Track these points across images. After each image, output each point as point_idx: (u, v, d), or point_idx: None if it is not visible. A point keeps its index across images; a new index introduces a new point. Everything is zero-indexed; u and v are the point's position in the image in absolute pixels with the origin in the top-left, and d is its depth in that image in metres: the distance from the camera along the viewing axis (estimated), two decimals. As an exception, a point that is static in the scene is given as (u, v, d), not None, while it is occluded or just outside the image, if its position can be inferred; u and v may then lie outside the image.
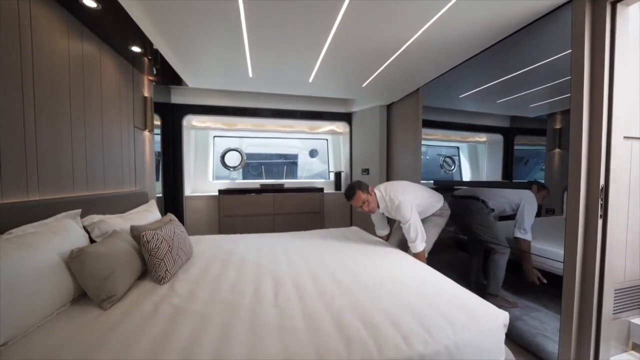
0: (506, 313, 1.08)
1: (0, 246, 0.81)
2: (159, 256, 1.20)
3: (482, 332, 0.96)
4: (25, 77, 1.11)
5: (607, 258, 1.28)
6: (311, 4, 1.36)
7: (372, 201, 1.90)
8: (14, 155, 1.05)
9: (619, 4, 1.23)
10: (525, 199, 1.80)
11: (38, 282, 0.85)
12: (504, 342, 1.03)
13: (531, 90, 1.75)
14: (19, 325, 0.77)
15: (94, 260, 1.00)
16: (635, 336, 1.50)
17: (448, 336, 0.90)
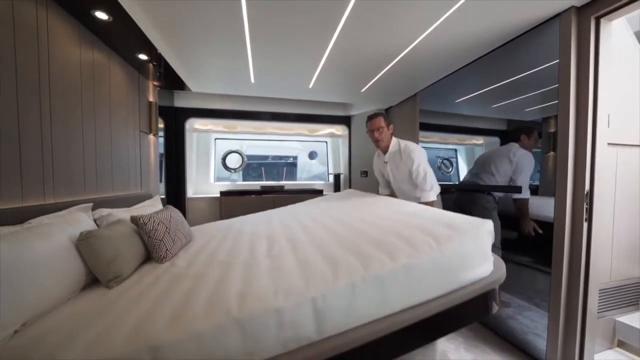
0: (490, 221, 1.06)
1: (20, 234, 0.89)
2: (157, 237, 1.25)
3: (465, 241, 0.96)
4: (42, 85, 1.18)
5: (591, 260, 1.35)
6: (313, 15, 1.43)
7: (385, 135, 1.89)
8: (33, 160, 1.12)
9: (603, 18, 1.30)
10: (517, 159, 1.84)
11: (52, 267, 0.92)
12: (490, 249, 1.03)
13: (526, 95, 1.82)
14: (34, 308, 0.82)
15: (101, 242, 1.06)
16: (621, 334, 1.57)
17: (432, 247, 0.92)
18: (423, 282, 0.88)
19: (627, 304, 1.64)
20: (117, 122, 1.79)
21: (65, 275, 0.96)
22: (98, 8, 1.31)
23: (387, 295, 0.83)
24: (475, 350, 1.62)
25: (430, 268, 0.88)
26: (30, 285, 0.83)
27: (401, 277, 0.85)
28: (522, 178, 1.77)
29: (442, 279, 0.90)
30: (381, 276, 0.83)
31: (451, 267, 0.92)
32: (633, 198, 1.61)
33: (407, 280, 0.85)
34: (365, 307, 0.80)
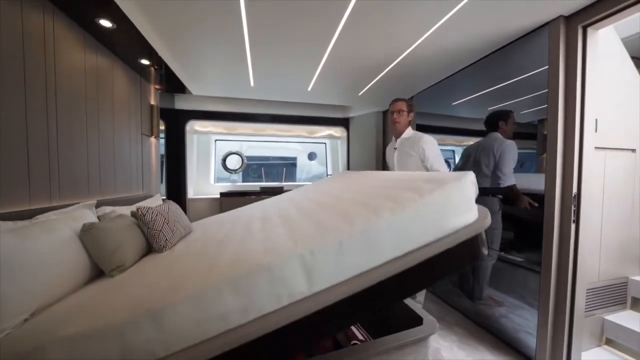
0: (472, 172, 1.08)
1: (28, 228, 0.95)
2: (156, 228, 1.28)
3: (448, 190, 0.97)
4: (49, 91, 1.22)
5: (579, 260, 1.39)
6: (311, 20, 1.46)
7: (404, 119, 1.91)
8: (40, 163, 1.17)
9: (589, 27, 1.35)
10: (502, 149, 1.88)
11: (58, 258, 0.97)
12: (474, 199, 1.04)
13: (521, 98, 1.86)
14: (42, 297, 0.86)
15: (103, 233, 1.10)
16: (609, 332, 1.62)
17: (415, 201, 0.94)
18: (410, 232, 0.89)
19: (615, 303, 1.69)
20: (120, 125, 1.84)
21: (70, 266, 1.01)
22: (102, 16, 1.35)
23: (375, 248, 0.85)
24: (467, 348, 1.67)
25: (415, 219, 0.90)
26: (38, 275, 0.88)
27: (387, 230, 0.87)
28: (508, 168, 1.83)
29: (428, 228, 0.91)
30: (367, 230, 0.85)
31: (436, 216, 0.93)
32: (621, 200, 1.66)
33: (393, 233, 0.87)
34: (354, 261, 0.82)
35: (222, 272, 0.77)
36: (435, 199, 0.94)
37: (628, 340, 1.54)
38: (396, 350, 1.22)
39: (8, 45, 1.03)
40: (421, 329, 1.29)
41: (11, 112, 1.05)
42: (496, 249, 1.87)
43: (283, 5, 1.31)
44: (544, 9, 1.35)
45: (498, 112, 2.03)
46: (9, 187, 1.04)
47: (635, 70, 1.67)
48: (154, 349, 0.67)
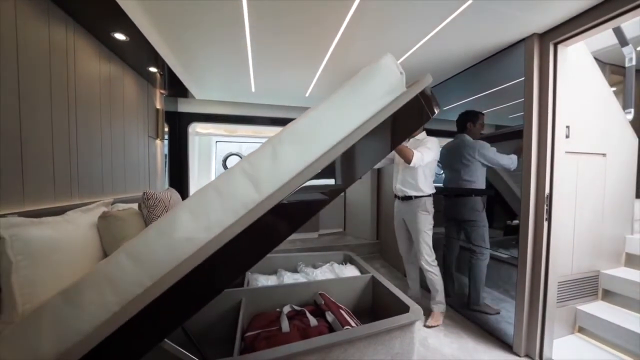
0: (389, 54, 1.06)
1: (63, 224, 1.08)
2: (156, 213, 1.39)
3: (372, 78, 0.96)
4: (70, 99, 1.35)
5: (551, 255, 1.53)
6: (311, 31, 1.57)
7: None
8: (63, 165, 1.29)
9: (560, 45, 1.49)
10: (481, 154, 1.95)
11: (80, 246, 1.11)
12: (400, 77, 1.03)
13: (507, 104, 2.00)
14: (67, 280, 0.96)
15: (115, 221, 1.25)
16: (581, 321, 1.77)
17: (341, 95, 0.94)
18: (343, 121, 0.93)
19: (588, 294, 1.83)
20: (130, 129, 1.96)
21: (88, 253, 1.15)
22: (117, 30, 1.48)
23: (311, 142, 0.90)
24: (452, 336, 1.80)
25: (347, 105, 0.94)
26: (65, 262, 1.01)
27: (317, 125, 0.91)
28: (500, 158, 1.91)
29: (363, 111, 0.95)
30: (295, 130, 0.90)
31: (368, 100, 0.95)
32: (592, 200, 1.80)
33: (328, 124, 0.91)
34: (290, 160, 0.87)
35: (181, 204, 0.86)
36: (362, 86, 0.95)
37: (598, 329, 1.69)
38: (385, 334, 1.35)
39: (38, 60, 1.15)
40: (407, 315, 1.42)
41: (42, 121, 1.17)
42: (487, 247, 1.97)
43: (285, 16, 1.41)
44: (520, 27, 1.50)
45: (467, 112, 2.13)
46: (40, 187, 1.16)
47: (605, 81, 1.82)
48: (141, 280, 0.78)
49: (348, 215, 4.03)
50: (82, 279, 0.80)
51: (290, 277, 2.11)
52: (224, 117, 3.28)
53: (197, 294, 0.85)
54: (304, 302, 1.82)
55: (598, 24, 1.34)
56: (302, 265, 2.31)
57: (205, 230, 0.82)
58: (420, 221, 2.00)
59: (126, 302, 0.79)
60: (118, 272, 0.79)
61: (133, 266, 0.79)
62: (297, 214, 0.91)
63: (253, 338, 1.39)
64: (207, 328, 1.61)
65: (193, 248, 0.81)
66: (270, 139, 0.91)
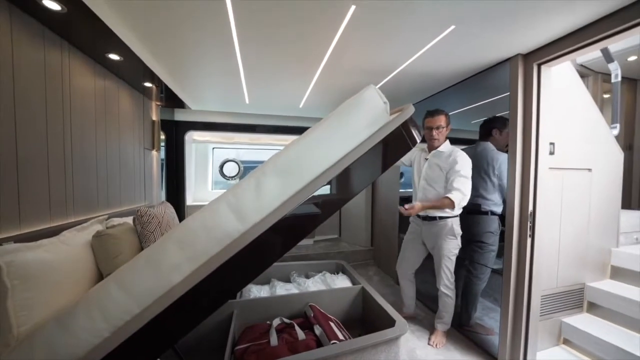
0: (371, 86, 1.09)
1: (58, 245, 1.13)
2: (149, 229, 1.46)
3: (355, 111, 1.01)
4: (65, 117, 1.38)
5: (534, 270, 1.57)
6: (301, 48, 1.59)
7: (443, 135, 1.85)
8: (58, 184, 1.33)
9: (543, 65, 1.53)
10: (500, 168, 1.79)
11: (75, 266, 1.15)
12: (383, 106, 1.07)
13: (501, 113, 1.99)
14: (62, 302, 1.03)
15: (109, 239, 1.30)
16: (566, 333, 1.81)
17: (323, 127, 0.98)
18: (326, 153, 0.96)
19: (573, 306, 1.87)
20: (125, 142, 2.00)
21: (82, 272, 1.20)
22: (111, 51, 1.52)
23: (295, 174, 0.93)
24: (440, 348, 1.85)
25: (330, 138, 0.97)
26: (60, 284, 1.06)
27: (301, 158, 0.95)
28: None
29: (346, 144, 0.98)
30: (279, 163, 0.93)
31: (351, 133, 0.99)
32: (578, 214, 1.84)
33: (311, 157, 0.95)
34: (273, 192, 0.91)
35: (168, 234, 0.91)
36: (344, 120, 0.99)
37: (581, 341, 1.73)
38: (371, 349, 1.39)
39: (33, 82, 1.19)
40: (392, 330, 1.47)
41: (38, 142, 1.21)
42: (490, 269, 1.87)
43: (273, 33, 1.43)
44: (504, 48, 1.53)
45: (495, 118, 1.86)
46: (36, 208, 1.20)
47: (591, 99, 1.85)
48: (130, 308, 0.82)
49: (343, 222, 4.08)
50: (75, 306, 0.84)
51: (283, 287, 2.15)
52: (220, 125, 3.31)
53: (184, 320, 0.89)
54: (295, 313, 1.87)
55: (580, 47, 1.37)
56: (295, 275, 2.36)
57: (191, 260, 0.87)
58: (446, 247, 1.82)
59: (116, 328, 0.83)
60: (108, 300, 0.83)
61: (122, 295, 0.84)
62: (279, 242, 0.95)
63: (243, 351, 1.43)
64: (199, 340, 1.65)
65: (179, 277, 0.86)
66: (254, 172, 0.95)
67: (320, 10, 1.22)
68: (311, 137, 0.99)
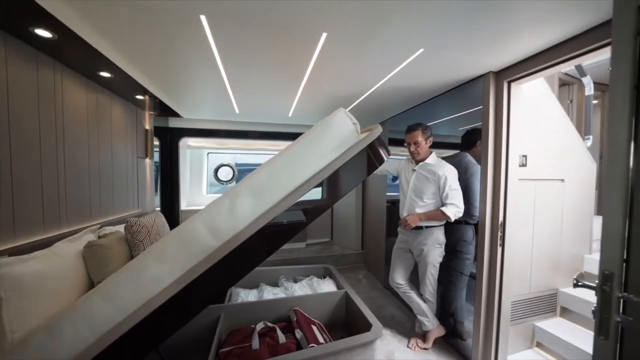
0: (341, 109, 1.18)
1: (50, 256, 1.20)
2: (139, 238, 1.53)
3: (323, 135, 1.10)
4: (58, 130, 1.46)
5: (504, 278, 1.65)
6: (282, 65, 1.64)
7: (422, 149, 1.90)
8: (51, 196, 1.41)
9: (513, 83, 1.61)
10: (469, 176, 1.88)
11: (66, 275, 1.23)
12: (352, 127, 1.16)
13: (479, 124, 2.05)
14: (53, 310, 1.10)
15: (100, 250, 1.38)
16: (538, 336, 1.89)
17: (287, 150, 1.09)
18: (296, 174, 1.04)
19: (546, 311, 1.95)
20: (118, 152, 2.08)
21: (74, 282, 1.28)
22: (102, 70, 1.60)
23: (266, 194, 1.02)
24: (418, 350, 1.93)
25: (300, 160, 1.06)
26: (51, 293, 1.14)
27: (272, 179, 1.03)
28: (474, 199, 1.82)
29: (315, 165, 1.06)
30: (251, 184, 1.03)
31: (320, 154, 1.08)
32: (551, 223, 1.92)
33: (282, 178, 1.04)
34: (245, 210, 0.99)
35: (149, 249, 1.00)
36: (313, 142, 1.08)
37: (552, 344, 1.81)
38: (345, 352, 1.48)
39: (27, 99, 1.27)
40: (368, 334, 1.55)
41: (30, 154, 1.29)
42: (467, 276, 1.93)
43: (252, 57, 1.50)
44: (478, 65, 1.60)
45: (477, 130, 1.82)
46: (29, 220, 1.29)
47: (564, 112, 1.93)
48: (112, 317, 0.91)
49: (335, 225, 4.16)
50: (62, 315, 0.93)
51: (271, 291, 2.23)
52: (214, 132, 3.39)
53: (163, 327, 0.98)
54: (281, 317, 1.95)
55: (547, 66, 1.44)
56: (283, 279, 2.44)
57: (170, 273, 0.95)
58: (432, 255, 1.89)
59: (100, 335, 0.92)
60: (92, 310, 0.92)
61: (106, 305, 0.92)
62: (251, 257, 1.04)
63: (226, 354, 1.52)
64: (187, 342, 1.74)
65: (158, 288, 0.94)
66: (228, 192, 1.05)
67: (294, 38, 1.30)
68: (281, 160, 1.07)
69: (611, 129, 0.77)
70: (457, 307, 2.01)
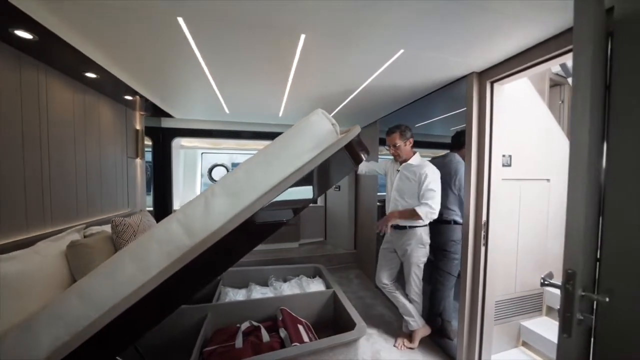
0: (318, 110, 1.17)
1: (31, 256, 1.21)
2: (124, 237, 1.52)
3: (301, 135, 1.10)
4: (42, 128, 1.46)
5: (488, 278, 1.66)
6: (265, 64, 1.63)
7: (403, 151, 1.92)
8: (35, 194, 1.42)
9: (495, 83, 1.61)
10: (459, 178, 1.90)
11: (49, 274, 1.24)
12: (330, 127, 1.16)
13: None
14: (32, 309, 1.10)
15: (83, 250, 1.37)
16: (524, 335, 1.90)
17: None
18: (273, 174, 1.05)
19: (533, 310, 1.96)
20: (106, 152, 2.09)
21: (56, 281, 1.29)
22: (88, 71, 1.61)
23: (242, 193, 1.02)
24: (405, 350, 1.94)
25: (277, 159, 1.07)
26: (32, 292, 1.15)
27: (249, 178, 1.04)
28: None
29: (292, 165, 1.07)
30: (227, 183, 1.03)
31: (297, 154, 1.08)
32: (536, 222, 1.93)
33: (258, 178, 1.04)
34: (221, 210, 1.00)
35: (125, 248, 1.00)
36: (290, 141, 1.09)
37: (537, 343, 1.82)
38: (328, 351, 1.49)
39: (9, 99, 1.28)
40: (351, 333, 1.56)
41: (12, 153, 1.30)
42: (455, 277, 1.95)
43: (234, 56, 1.50)
44: (461, 66, 1.61)
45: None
46: (11, 218, 1.30)
47: (549, 112, 1.94)
48: (87, 314, 0.91)
49: (328, 225, 4.17)
50: (37, 313, 0.94)
51: (259, 291, 2.24)
52: (207, 131, 3.40)
53: (138, 326, 0.99)
54: (268, 316, 1.96)
55: (529, 66, 1.45)
56: (272, 279, 2.45)
57: (144, 271, 0.96)
58: (415, 255, 1.90)
59: (75, 332, 0.93)
60: (67, 308, 0.93)
61: (81, 303, 0.93)
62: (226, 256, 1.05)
63: (210, 353, 1.53)
64: (172, 342, 1.75)
65: (132, 287, 0.95)
66: (204, 192, 1.05)
67: (272, 39, 1.31)
68: (258, 159, 1.08)
69: (572, 129, 0.78)
70: (445, 306, 2.02)
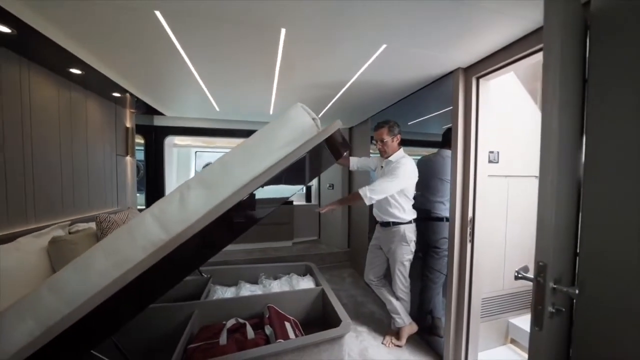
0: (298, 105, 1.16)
1: (9, 251, 1.20)
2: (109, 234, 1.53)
3: (280, 127, 1.11)
4: (25, 125, 1.46)
5: (474, 274, 1.65)
6: (249, 60, 1.62)
7: (389, 147, 1.93)
8: (17, 190, 1.41)
9: (481, 79, 1.61)
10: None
11: (29, 271, 1.23)
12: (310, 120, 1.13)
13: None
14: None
15: (66, 246, 1.36)
16: (512, 333, 1.89)
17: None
18: (251, 167, 1.04)
19: (521, 307, 1.95)
20: (94, 149, 2.09)
21: (37, 277, 1.27)
22: (72, 67, 1.60)
23: (219, 186, 1.00)
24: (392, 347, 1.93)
25: (255, 153, 1.06)
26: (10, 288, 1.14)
27: (227, 171, 1.03)
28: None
29: (270, 158, 1.06)
30: (204, 177, 1.02)
31: (275, 148, 1.07)
32: (525, 220, 1.92)
33: (235, 171, 1.03)
34: (197, 203, 0.99)
35: (98, 243, 0.99)
36: (270, 135, 1.09)
37: (525, 340, 1.80)
38: (313, 347, 1.48)
39: None
40: (336, 329, 1.55)
41: None
42: (444, 274, 1.89)
43: (218, 51, 1.50)
44: (447, 61, 1.60)
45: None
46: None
47: (537, 108, 1.93)
48: (59, 309, 0.90)
49: (322, 224, 4.16)
50: (9, 307, 0.93)
51: (249, 289, 2.23)
52: (200, 130, 3.40)
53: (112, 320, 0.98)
54: (255, 314, 1.95)
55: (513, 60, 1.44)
56: (263, 277, 2.44)
57: (116, 266, 0.95)
58: (399, 252, 1.89)
59: (47, 327, 0.92)
60: (39, 302, 0.92)
61: (52, 297, 0.93)
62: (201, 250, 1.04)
63: (194, 350, 1.52)
64: (158, 339, 1.74)
65: (104, 282, 0.94)
66: (179, 186, 1.04)
67: (252, 32, 1.30)
68: (235, 152, 1.07)
69: (542, 123, 0.77)
70: (435, 304, 2.01)
